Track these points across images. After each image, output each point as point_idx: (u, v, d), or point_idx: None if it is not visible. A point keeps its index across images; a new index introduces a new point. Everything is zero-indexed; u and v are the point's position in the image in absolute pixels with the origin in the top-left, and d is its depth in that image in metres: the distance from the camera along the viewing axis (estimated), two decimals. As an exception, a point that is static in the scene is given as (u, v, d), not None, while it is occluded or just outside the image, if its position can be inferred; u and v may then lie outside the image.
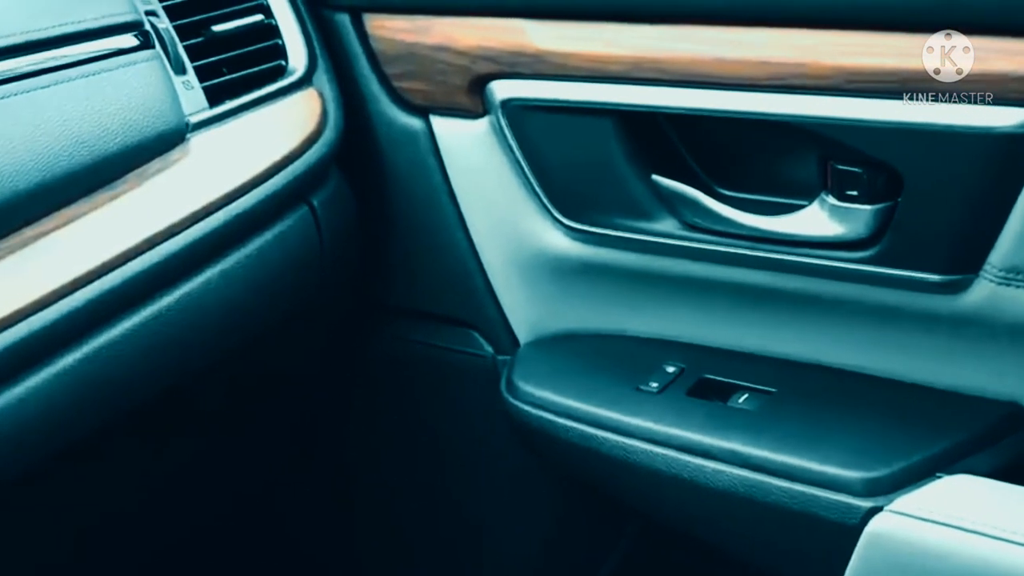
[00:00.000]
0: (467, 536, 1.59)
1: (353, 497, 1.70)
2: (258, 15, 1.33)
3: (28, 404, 1.01)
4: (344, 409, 1.64)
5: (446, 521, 1.61)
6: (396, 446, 1.61)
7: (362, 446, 1.65)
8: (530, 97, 1.25)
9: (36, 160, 1.02)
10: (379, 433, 1.62)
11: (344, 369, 1.59)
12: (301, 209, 1.30)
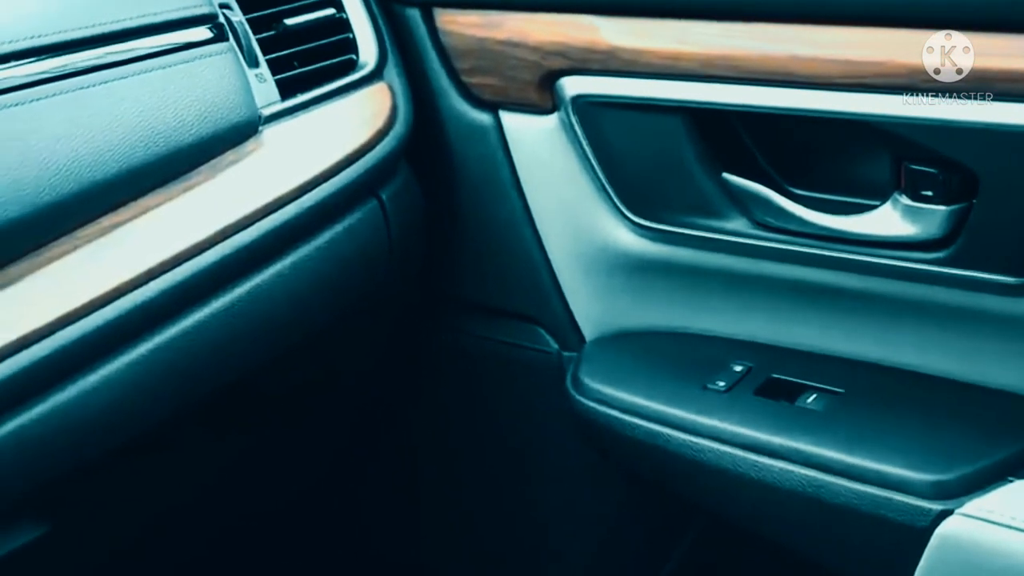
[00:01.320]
0: (530, 531, 1.60)
1: (416, 489, 1.71)
2: (330, 9, 1.34)
3: (101, 393, 1.02)
4: (408, 402, 1.64)
5: (509, 515, 1.61)
6: (459, 440, 1.61)
7: (425, 439, 1.66)
8: (600, 93, 1.24)
9: (113, 150, 1.04)
10: (442, 426, 1.62)
11: (408, 362, 1.59)
12: (370, 203, 1.30)
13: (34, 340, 0.95)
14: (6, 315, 0.94)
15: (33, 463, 1.00)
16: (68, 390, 1.00)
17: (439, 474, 1.66)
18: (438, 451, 1.64)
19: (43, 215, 0.97)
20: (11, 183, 0.95)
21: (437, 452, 1.65)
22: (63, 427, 1.00)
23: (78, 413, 1.01)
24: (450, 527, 1.69)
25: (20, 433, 0.96)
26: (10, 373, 0.93)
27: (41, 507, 1.24)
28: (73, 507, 1.30)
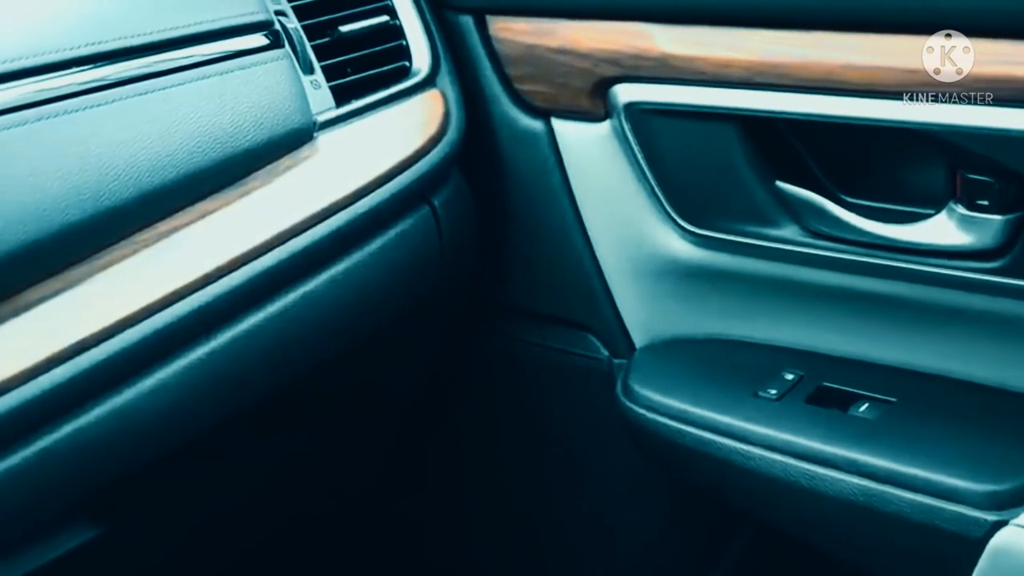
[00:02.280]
0: (578, 537, 1.60)
1: (465, 494, 1.71)
2: (383, 16, 1.34)
3: (157, 396, 1.03)
4: (457, 407, 1.65)
5: (557, 521, 1.61)
6: (508, 445, 1.61)
7: (474, 444, 1.66)
8: (653, 101, 1.24)
9: (171, 156, 1.05)
10: (492, 432, 1.63)
11: (459, 368, 1.60)
12: (423, 209, 1.31)
13: (93, 343, 0.96)
14: (66, 318, 0.95)
15: (89, 466, 1.01)
16: (124, 393, 1.01)
17: (488, 479, 1.67)
18: (487, 456, 1.65)
19: (102, 220, 0.98)
20: (71, 188, 0.96)
21: (486, 457, 1.65)
22: (119, 430, 1.01)
23: (134, 416, 1.02)
24: (498, 531, 1.69)
25: (77, 436, 0.97)
26: (69, 376, 0.94)
27: (95, 510, 1.25)
28: (126, 510, 1.31)
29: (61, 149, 0.97)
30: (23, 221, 0.92)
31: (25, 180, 0.94)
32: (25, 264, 0.93)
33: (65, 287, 0.97)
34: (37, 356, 0.92)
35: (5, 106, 0.95)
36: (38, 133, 0.96)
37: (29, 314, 0.94)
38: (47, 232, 0.94)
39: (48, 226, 0.94)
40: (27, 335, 0.93)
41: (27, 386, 0.92)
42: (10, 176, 0.93)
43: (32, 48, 1.00)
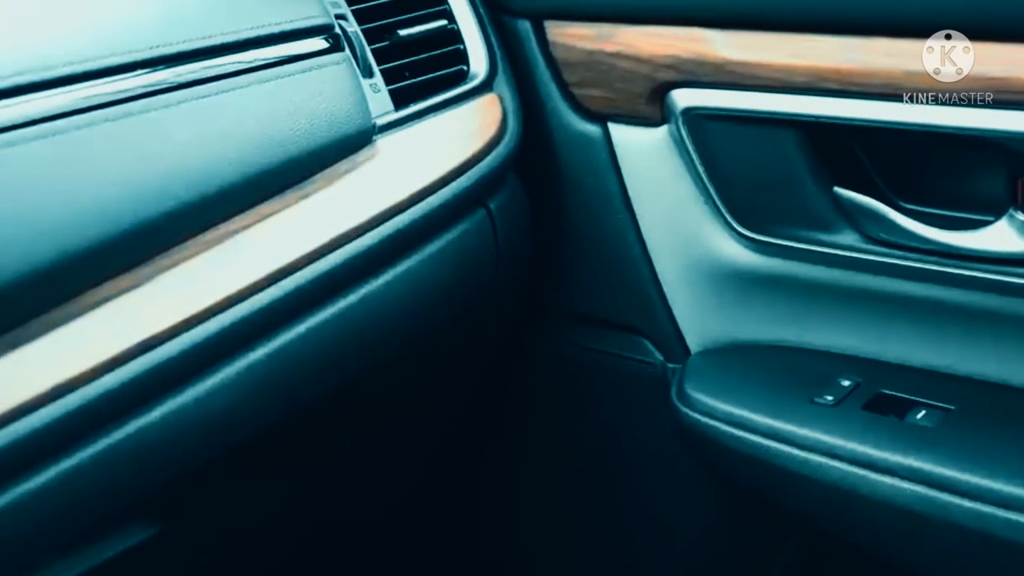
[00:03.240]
0: (630, 542, 1.60)
1: (517, 497, 1.71)
2: (442, 20, 1.35)
3: (217, 397, 1.04)
4: (510, 411, 1.65)
5: (609, 525, 1.61)
6: (561, 449, 1.62)
7: (526, 448, 1.66)
8: (711, 106, 1.24)
9: (231, 158, 1.05)
10: (544, 435, 1.63)
11: (512, 372, 1.60)
12: (479, 213, 1.32)
13: (158, 343, 0.96)
14: (132, 318, 0.96)
15: (150, 465, 1.02)
16: (186, 393, 1.01)
17: (540, 482, 1.67)
18: (539, 460, 1.65)
19: (167, 220, 0.99)
20: (137, 189, 0.97)
21: (539, 460, 1.65)
22: (180, 429, 1.02)
23: (195, 416, 1.02)
24: (550, 534, 1.69)
25: (140, 435, 0.98)
26: (134, 375, 0.95)
27: (152, 508, 1.26)
28: (182, 508, 1.32)
29: (127, 150, 0.98)
30: (91, 220, 0.93)
31: (93, 180, 0.95)
32: (92, 262, 0.94)
33: (131, 286, 0.97)
34: (103, 354, 0.93)
35: (74, 107, 0.96)
36: (105, 134, 0.97)
37: (96, 313, 0.94)
38: (114, 231, 0.95)
39: (115, 225, 0.95)
40: (94, 333, 0.94)
41: (93, 384, 0.92)
42: (79, 176, 0.94)
43: (99, 51, 1.01)
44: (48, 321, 0.93)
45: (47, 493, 0.93)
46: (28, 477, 0.91)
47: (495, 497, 1.74)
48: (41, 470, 0.92)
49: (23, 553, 0.96)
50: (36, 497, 0.92)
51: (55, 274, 0.92)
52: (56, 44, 0.99)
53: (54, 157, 0.93)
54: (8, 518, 0.90)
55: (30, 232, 0.90)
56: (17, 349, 0.91)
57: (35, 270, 0.90)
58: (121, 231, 0.96)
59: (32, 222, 0.91)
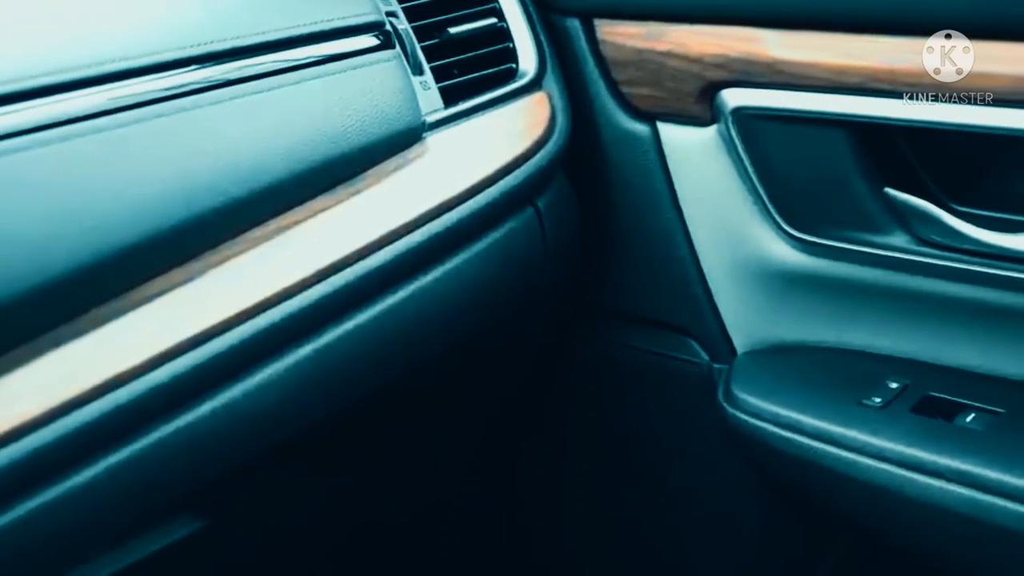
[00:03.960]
0: (675, 541, 1.60)
1: (561, 496, 1.71)
2: (491, 18, 1.35)
3: (267, 392, 1.04)
4: (555, 409, 1.65)
5: (654, 524, 1.61)
6: (606, 448, 1.61)
7: (571, 446, 1.66)
8: (762, 106, 1.24)
9: (282, 154, 1.06)
10: (589, 434, 1.63)
11: (557, 369, 1.60)
12: (527, 211, 1.32)
13: (208, 338, 0.97)
14: (182, 313, 0.96)
15: (199, 459, 1.02)
16: (236, 388, 1.02)
17: (584, 481, 1.67)
18: (584, 458, 1.65)
19: (216, 216, 1.00)
20: (186, 186, 0.98)
21: (583, 459, 1.65)
22: (230, 424, 1.02)
23: (244, 411, 1.03)
24: (595, 533, 1.69)
25: (190, 429, 0.99)
26: (183, 371, 0.95)
27: (199, 503, 1.27)
28: (229, 503, 1.33)
29: (180, 146, 0.99)
30: (143, 215, 0.94)
31: (145, 176, 0.95)
32: (144, 258, 0.95)
33: (182, 282, 0.98)
34: (154, 349, 0.94)
35: (127, 103, 0.96)
36: (158, 130, 0.98)
37: (147, 308, 0.95)
38: (165, 227, 0.95)
39: (166, 221, 0.95)
40: (145, 328, 0.94)
41: (143, 379, 0.93)
42: (131, 172, 0.95)
43: (152, 47, 1.01)
44: (99, 316, 0.93)
45: (97, 486, 0.93)
46: (79, 470, 0.92)
47: (540, 495, 1.74)
48: (92, 463, 0.93)
49: (72, 545, 0.97)
50: (86, 490, 0.92)
51: (107, 269, 0.92)
52: (109, 40, 1.00)
53: (106, 153, 0.94)
54: (59, 510, 0.91)
55: (83, 227, 0.91)
56: (69, 343, 0.91)
57: (87, 265, 0.91)
58: (172, 226, 0.96)
59: (85, 217, 0.91)
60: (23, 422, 0.87)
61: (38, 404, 0.88)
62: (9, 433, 0.86)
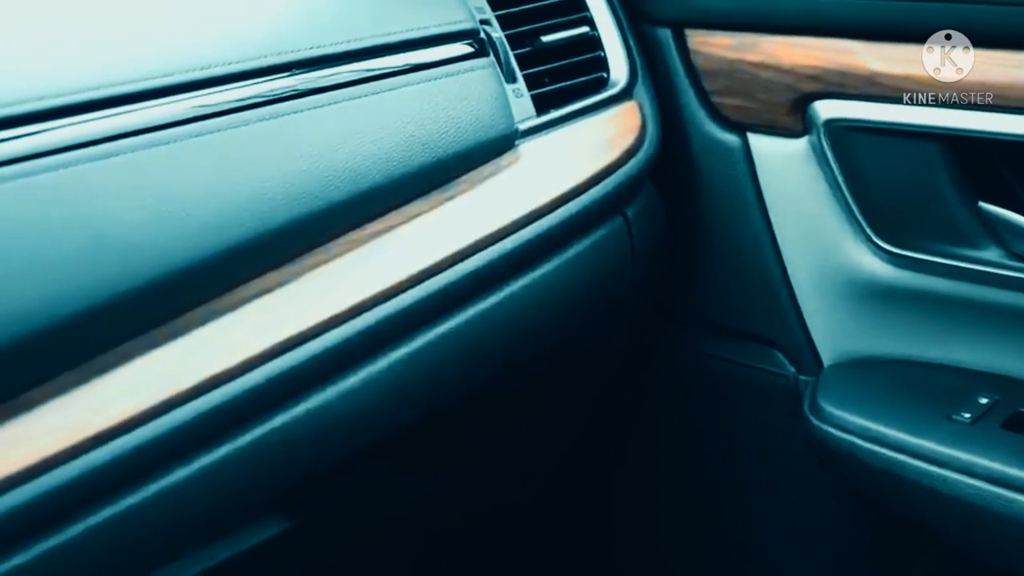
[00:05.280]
0: (758, 551, 1.59)
1: (646, 502, 1.71)
2: (583, 27, 1.36)
3: (360, 394, 1.06)
4: (637, 418, 1.65)
5: (737, 534, 1.60)
6: (688, 458, 1.61)
7: (654, 456, 1.66)
8: (855, 118, 1.24)
9: (381, 159, 1.07)
10: (672, 444, 1.63)
11: (642, 377, 1.60)
12: (616, 220, 1.32)
13: (305, 339, 0.98)
14: (281, 314, 0.98)
15: (292, 459, 1.04)
16: (328, 391, 1.03)
17: (670, 488, 1.67)
18: (670, 465, 1.65)
19: (313, 220, 1.01)
20: (284, 189, 0.99)
21: (669, 466, 1.65)
22: (323, 425, 1.03)
23: (335, 414, 1.04)
24: (679, 542, 1.69)
25: (282, 431, 1.00)
26: (278, 372, 0.97)
27: (288, 503, 1.28)
28: (315, 505, 1.34)
29: (278, 150, 1.00)
30: (242, 218, 0.95)
31: (244, 179, 0.97)
32: (242, 260, 0.96)
33: (278, 284, 0.99)
34: (251, 351, 0.95)
35: (229, 107, 0.98)
36: (257, 134, 0.99)
37: (243, 309, 0.97)
38: (263, 230, 0.97)
39: (264, 224, 0.97)
40: (242, 330, 0.96)
41: (239, 380, 0.94)
42: (232, 175, 0.96)
43: (253, 52, 1.03)
44: (198, 317, 0.95)
45: (191, 485, 0.95)
46: (174, 469, 0.93)
47: (626, 501, 1.74)
48: (187, 463, 0.94)
49: (166, 542, 0.99)
50: (181, 489, 0.94)
51: (207, 271, 0.94)
52: (214, 45, 1.02)
53: (209, 157, 0.95)
54: (154, 508, 0.93)
55: (186, 229, 0.92)
56: (168, 344, 0.93)
57: (188, 267, 0.92)
58: (270, 229, 0.98)
59: (188, 220, 0.93)
60: (122, 420, 0.89)
61: (137, 403, 0.90)
62: (108, 431, 0.88)
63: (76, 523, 0.88)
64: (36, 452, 0.85)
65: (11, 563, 0.84)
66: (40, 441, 0.85)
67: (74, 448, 0.86)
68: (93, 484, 0.88)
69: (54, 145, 0.88)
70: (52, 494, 0.85)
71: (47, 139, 0.88)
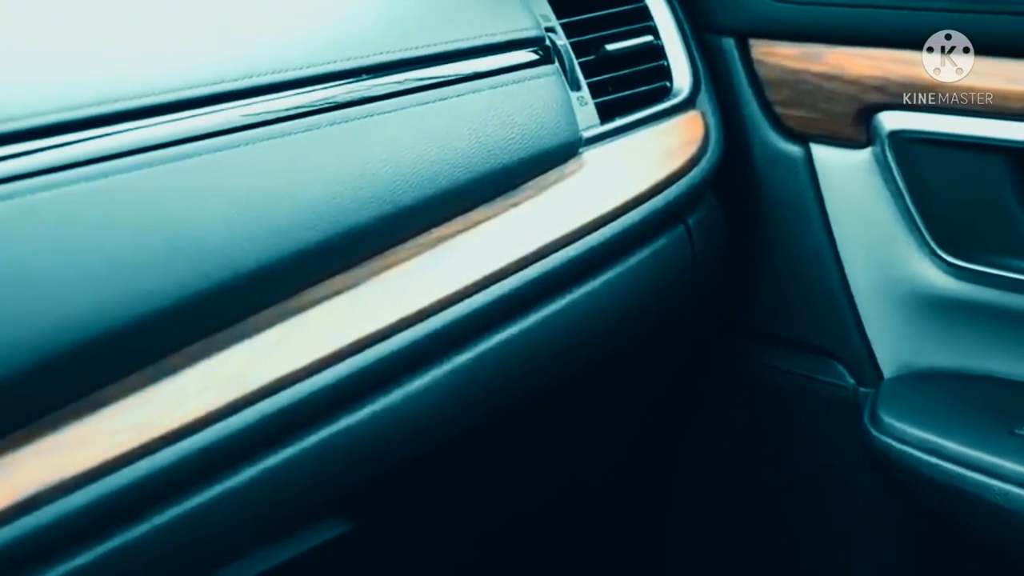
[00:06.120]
0: (813, 566, 1.58)
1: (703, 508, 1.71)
2: (647, 36, 1.36)
3: (423, 398, 1.06)
4: (697, 425, 1.65)
5: (789, 547, 1.60)
6: (745, 468, 1.61)
7: (715, 460, 1.66)
8: (920, 130, 1.23)
9: (448, 164, 1.08)
10: (731, 449, 1.63)
11: (700, 385, 1.60)
12: (678, 228, 1.32)
13: (369, 344, 0.99)
14: (346, 319, 0.98)
15: (355, 462, 1.04)
16: (394, 394, 1.03)
17: (721, 500, 1.67)
18: (722, 476, 1.65)
19: (384, 224, 1.02)
20: (355, 192, 1.00)
21: (721, 477, 1.65)
22: (386, 429, 1.04)
23: (400, 417, 1.04)
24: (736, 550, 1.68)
25: (348, 433, 1.00)
26: (346, 374, 0.97)
27: (348, 505, 1.29)
28: (376, 507, 1.34)
29: (349, 154, 1.01)
30: (313, 221, 0.96)
31: (316, 183, 0.98)
32: (315, 262, 0.97)
33: (346, 287, 1.00)
34: (319, 352, 0.96)
35: (302, 111, 0.99)
36: (329, 138, 1.00)
37: (315, 310, 0.97)
38: (333, 232, 0.97)
39: (335, 226, 0.97)
40: (310, 332, 0.96)
41: (308, 381, 0.95)
42: (303, 179, 0.97)
43: (326, 56, 1.04)
44: (268, 318, 0.96)
45: (257, 485, 0.95)
46: (240, 469, 0.94)
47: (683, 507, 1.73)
48: (253, 463, 0.95)
49: (230, 542, 0.99)
50: (246, 489, 0.94)
51: (279, 272, 0.95)
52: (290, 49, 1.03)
53: (284, 159, 0.96)
54: (220, 507, 0.93)
55: (254, 232, 0.93)
56: (237, 344, 0.94)
57: (257, 268, 0.93)
58: (339, 232, 0.98)
59: (256, 222, 0.93)
60: (191, 421, 0.89)
61: (205, 404, 0.90)
62: (177, 431, 0.89)
63: (142, 522, 0.88)
64: (105, 451, 0.85)
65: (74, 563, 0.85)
66: (109, 440, 0.86)
67: (143, 447, 0.87)
68: (161, 484, 0.88)
69: (131, 146, 0.89)
70: (120, 493, 0.86)
71: (123, 140, 0.89)
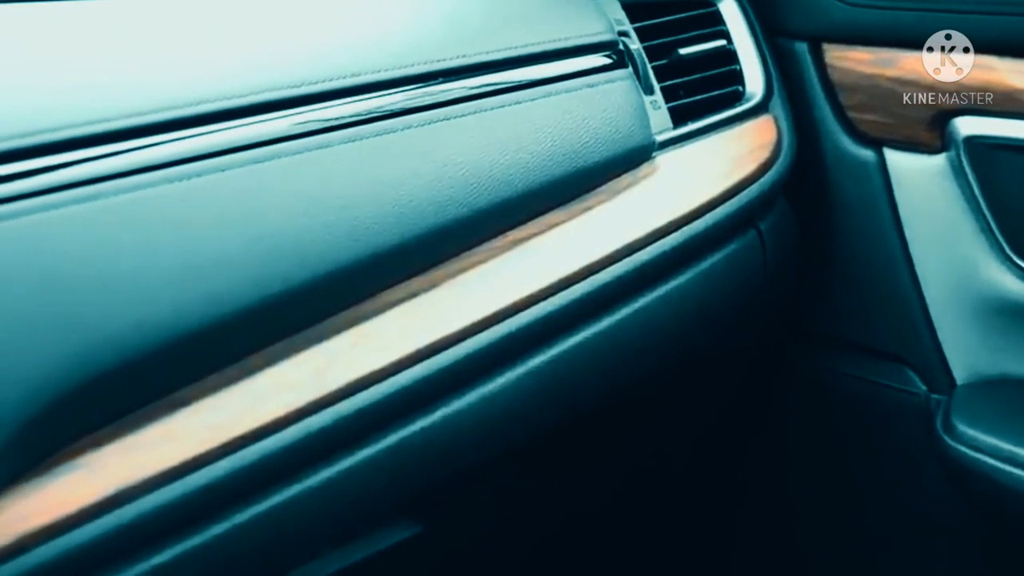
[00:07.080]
0: (887, 574, 1.57)
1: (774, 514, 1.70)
2: (720, 40, 1.36)
3: (497, 401, 1.06)
4: (770, 429, 1.64)
5: (861, 555, 1.59)
6: (814, 474, 1.60)
7: (778, 470, 1.65)
8: (996, 135, 1.23)
9: (522, 168, 1.08)
10: (797, 458, 1.62)
11: (768, 391, 1.59)
12: (750, 233, 1.32)
13: (445, 346, 0.99)
14: (423, 320, 0.99)
15: (428, 464, 1.04)
16: (468, 396, 1.04)
17: (791, 506, 1.66)
18: (793, 483, 1.64)
19: (461, 226, 1.02)
20: (434, 195, 1.01)
21: (792, 484, 1.64)
22: (459, 431, 1.04)
23: (476, 418, 1.05)
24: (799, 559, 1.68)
25: (423, 434, 1.01)
26: (424, 375, 0.98)
27: (418, 507, 1.29)
28: (444, 509, 1.35)
29: (427, 157, 1.02)
30: (393, 222, 0.97)
31: (394, 185, 0.98)
32: (395, 263, 0.98)
33: (424, 289, 1.01)
34: (397, 353, 0.96)
35: (380, 114, 1.00)
36: (407, 141, 1.01)
37: (393, 312, 0.98)
38: (413, 234, 0.98)
39: (413, 228, 0.98)
40: (388, 333, 0.97)
41: (386, 383, 0.95)
42: (382, 181, 0.98)
43: (403, 61, 1.05)
44: (348, 319, 0.97)
45: (334, 486, 0.96)
46: (319, 470, 0.94)
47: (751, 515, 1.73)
48: (331, 463, 0.95)
49: (307, 541, 1.00)
50: (323, 489, 0.95)
51: (354, 274, 0.95)
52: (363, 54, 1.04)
53: (364, 162, 0.97)
54: (298, 507, 0.94)
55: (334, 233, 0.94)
56: (317, 345, 0.94)
57: (336, 269, 0.94)
58: (417, 235, 0.99)
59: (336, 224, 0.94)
60: (271, 420, 0.90)
61: (285, 404, 0.91)
62: (257, 431, 0.89)
63: (222, 521, 0.89)
64: (186, 450, 0.86)
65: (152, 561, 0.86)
66: (190, 439, 0.87)
67: (223, 447, 0.88)
68: (240, 483, 0.89)
69: (212, 149, 0.90)
70: (200, 492, 0.86)
71: (205, 143, 0.90)
